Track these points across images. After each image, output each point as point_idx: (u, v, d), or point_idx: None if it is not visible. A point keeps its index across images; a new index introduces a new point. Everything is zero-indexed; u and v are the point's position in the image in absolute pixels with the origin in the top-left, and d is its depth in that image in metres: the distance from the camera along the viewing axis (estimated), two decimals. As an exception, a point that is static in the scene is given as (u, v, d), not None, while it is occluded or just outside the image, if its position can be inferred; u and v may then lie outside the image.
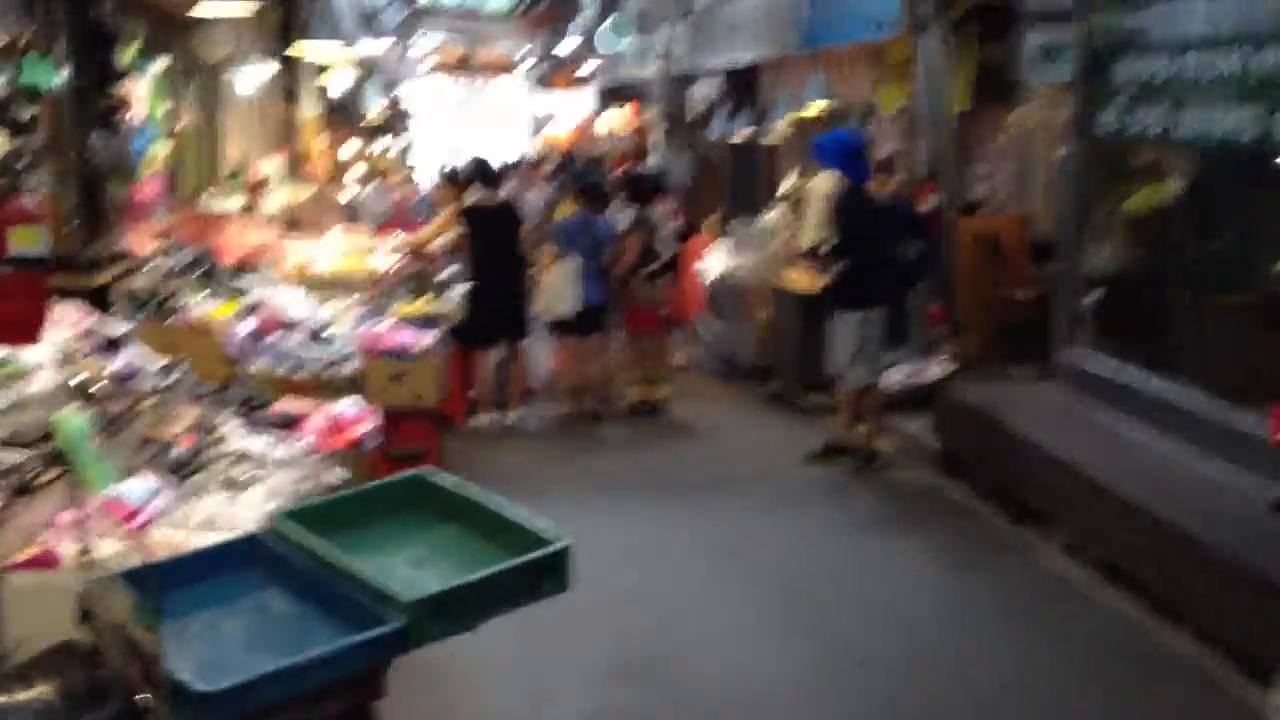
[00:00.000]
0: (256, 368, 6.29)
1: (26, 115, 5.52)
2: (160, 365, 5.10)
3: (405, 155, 22.42)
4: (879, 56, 11.03)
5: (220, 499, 3.89)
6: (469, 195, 9.42)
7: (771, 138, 13.51)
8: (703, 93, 15.81)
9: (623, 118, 21.95)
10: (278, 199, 9.38)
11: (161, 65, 7.16)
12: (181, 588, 2.65)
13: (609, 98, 22.73)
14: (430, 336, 6.82)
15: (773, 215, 11.08)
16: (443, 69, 28.87)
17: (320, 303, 7.17)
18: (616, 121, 22.37)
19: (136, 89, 6.62)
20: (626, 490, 7.24)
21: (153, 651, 2.20)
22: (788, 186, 13.17)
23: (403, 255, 9.53)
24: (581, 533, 6.13)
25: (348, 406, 5.48)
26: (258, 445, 4.50)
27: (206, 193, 8.67)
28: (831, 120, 12.25)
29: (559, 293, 8.65)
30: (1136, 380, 6.51)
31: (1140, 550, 5.38)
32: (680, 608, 5.51)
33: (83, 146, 6.26)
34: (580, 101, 25.66)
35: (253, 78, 9.47)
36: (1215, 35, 5.73)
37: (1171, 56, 6.09)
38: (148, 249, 7.03)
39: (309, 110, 12.19)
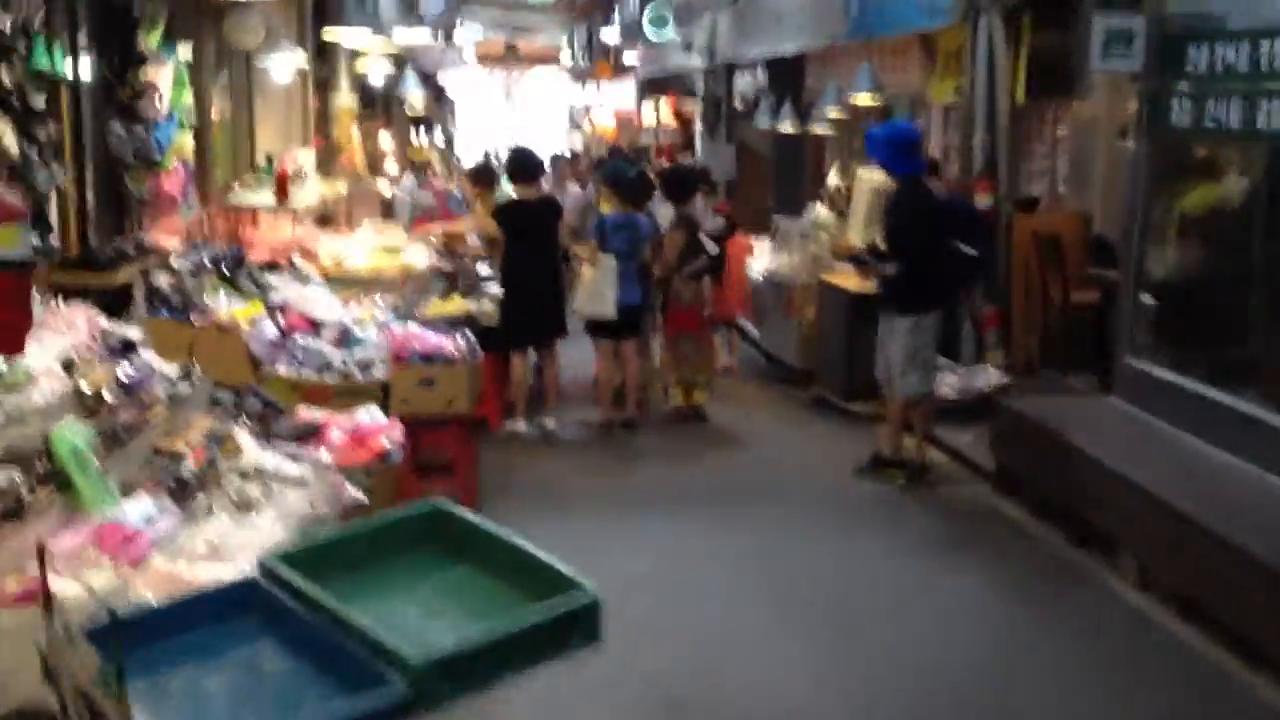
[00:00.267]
0: (280, 370, 6.05)
1: (38, 102, 5.23)
2: (175, 370, 4.84)
3: (447, 147, 22.22)
4: (931, 45, 10.65)
5: (227, 523, 3.61)
6: (502, 190, 9.14)
7: (818, 130, 13.13)
8: (747, 84, 15.46)
9: (665, 109, 21.62)
10: (310, 192, 9.12)
11: (188, 52, 6.87)
12: (165, 638, 2.39)
13: (652, 89, 22.40)
14: (463, 339, 6.51)
15: (819, 210, 10.73)
16: (485, 60, 28.64)
17: (349, 302, 6.90)
18: (660, 114, 22.05)
19: (160, 76, 6.34)
20: (663, 504, 6.89)
21: (118, 720, 1.92)
22: (834, 181, 12.85)
23: (436, 251, 9.27)
24: (615, 552, 5.97)
25: (372, 416, 5.21)
26: (272, 460, 4.22)
27: (236, 185, 8.41)
28: (882, 112, 11.88)
29: (596, 293, 8.30)
30: (1208, 393, 6.11)
31: (1219, 582, 4.98)
32: (720, 640, 5.14)
33: (102, 136, 6.01)
34: (622, 93, 25.34)
35: (285, 66, 9.20)
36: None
37: (1252, 43, 5.71)
38: (172, 244, 6.78)
39: (344, 100, 11.94)
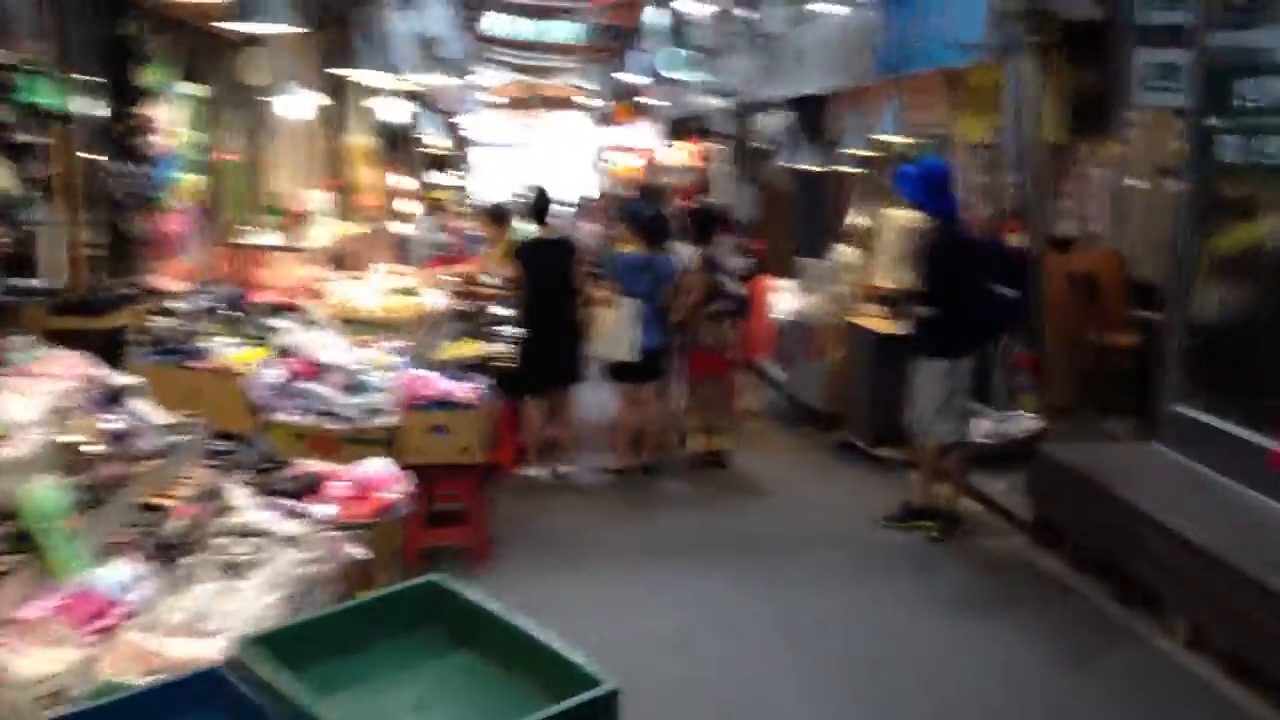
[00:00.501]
0: (283, 418, 5.80)
1: (35, 139, 5.01)
2: (168, 419, 4.59)
3: (466, 189, 22.09)
4: (958, 83, 10.40)
5: (210, 591, 3.33)
6: (518, 230, 8.91)
7: (842, 169, 12.88)
8: (770, 123, 15.24)
9: (687, 150, 21.45)
10: (323, 233, 8.90)
11: (195, 89, 6.66)
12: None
13: (673, 130, 22.24)
14: (476, 384, 6.24)
15: (844, 251, 10.45)
16: (505, 103, 28.60)
17: (359, 346, 6.65)
18: (681, 154, 21.87)
19: (163, 113, 6.13)
20: (684, 558, 6.56)
21: None
22: (858, 220, 12.57)
23: (451, 292, 9.04)
24: (635, 610, 5.66)
25: (377, 467, 4.94)
26: (265, 518, 3.94)
27: (245, 226, 8.20)
28: (908, 151, 11.62)
29: (616, 336, 8.03)
30: (1258, 440, 5.77)
31: (1275, 642, 4.65)
32: (743, 703, 4.81)
33: (99, 175, 5.79)
34: (644, 134, 25.21)
35: (299, 105, 9.01)
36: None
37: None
38: (175, 286, 6.55)
39: (359, 140, 11.75)
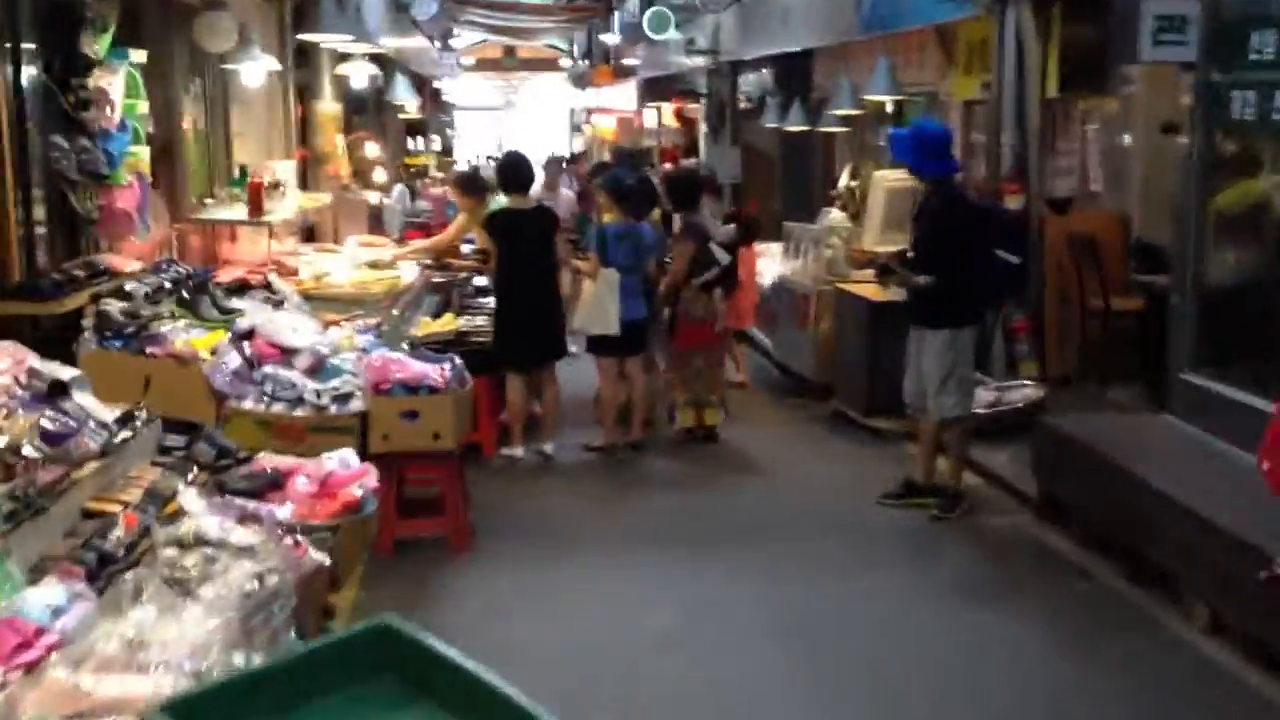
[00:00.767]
0: (247, 406, 5.46)
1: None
2: (116, 414, 4.26)
3: (445, 154, 21.67)
4: (949, 39, 10.05)
5: (151, 615, 3.00)
6: (493, 198, 8.55)
7: (828, 129, 12.53)
8: (752, 83, 14.88)
9: (668, 112, 21.05)
10: (288, 205, 8.53)
11: (142, 56, 6.28)
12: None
13: (653, 91, 21.83)
14: (450, 364, 5.91)
15: (832, 214, 10.13)
16: (483, 65, 28.10)
17: (328, 326, 6.31)
18: (662, 115, 21.46)
19: (112, 83, 5.75)
20: (675, 542, 6.22)
21: None
22: (847, 182, 12.24)
23: (423, 265, 8.70)
24: (621, 602, 5.33)
25: (344, 460, 4.62)
26: (218, 525, 3.61)
27: (208, 200, 7.83)
28: (897, 110, 11.29)
29: (598, 308, 7.69)
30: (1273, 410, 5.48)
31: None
32: (736, 704, 4.51)
33: (46, 149, 5.42)
34: (624, 96, 24.76)
35: (262, 72, 8.61)
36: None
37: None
38: (132, 266, 6.19)
39: (328, 108, 11.35)
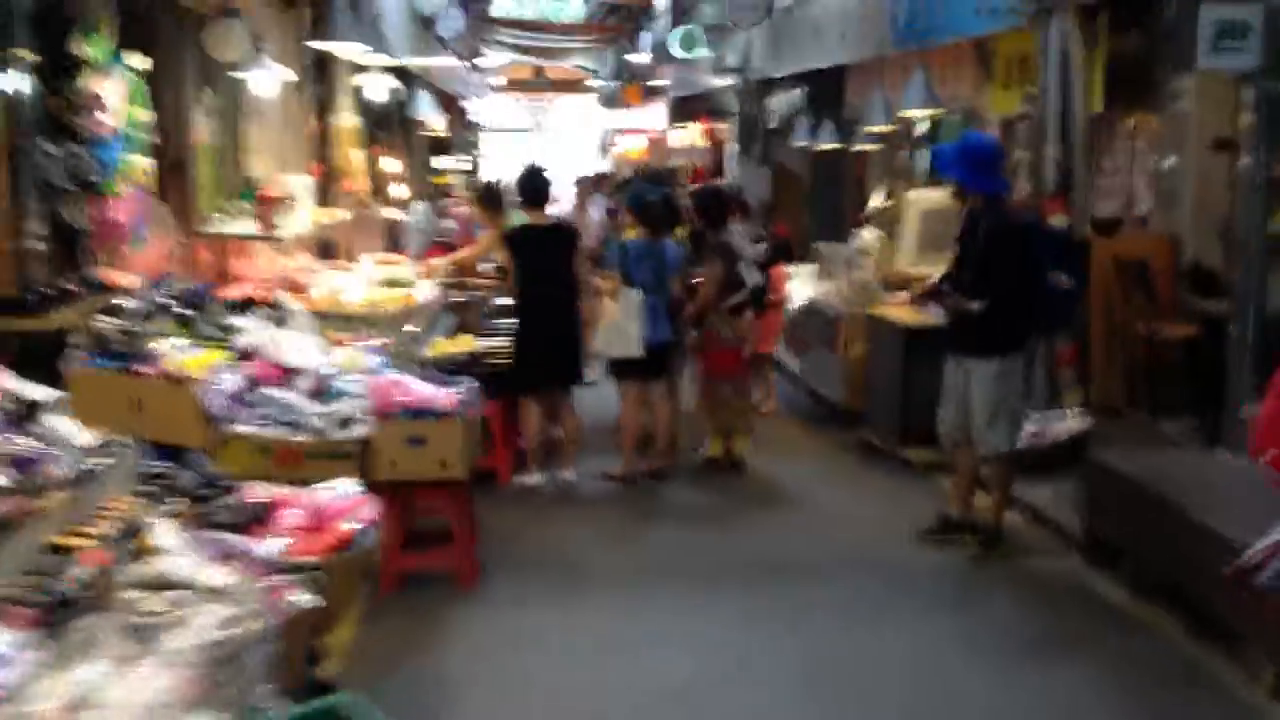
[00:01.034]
0: (242, 430, 5.14)
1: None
2: (91, 441, 3.93)
3: (472, 173, 21.42)
4: (988, 53, 9.69)
5: (102, 670, 2.66)
6: (513, 214, 8.24)
7: (862, 148, 12.17)
8: (782, 101, 14.54)
9: (697, 131, 20.76)
10: (305, 220, 8.22)
11: (146, 63, 5.99)
12: None
13: (682, 111, 21.55)
14: (460, 388, 5.57)
15: (865, 235, 9.76)
16: (512, 85, 27.90)
17: (334, 344, 5.99)
18: (690, 135, 21.17)
19: (106, 88, 5.46)
20: (695, 584, 5.82)
21: None
22: (879, 201, 11.86)
23: (441, 282, 8.40)
24: (635, 648, 4.80)
25: (339, 491, 4.29)
26: (188, 564, 3.27)
27: (217, 213, 7.53)
28: (933, 129, 10.93)
29: (619, 330, 7.34)
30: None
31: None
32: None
33: (36, 157, 5.12)
34: (653, 116, 24.50)
35: (275, 83, 8.32)
36: None
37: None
38: (130, 281, 5.88)
39: (346, 121, 11.06)
